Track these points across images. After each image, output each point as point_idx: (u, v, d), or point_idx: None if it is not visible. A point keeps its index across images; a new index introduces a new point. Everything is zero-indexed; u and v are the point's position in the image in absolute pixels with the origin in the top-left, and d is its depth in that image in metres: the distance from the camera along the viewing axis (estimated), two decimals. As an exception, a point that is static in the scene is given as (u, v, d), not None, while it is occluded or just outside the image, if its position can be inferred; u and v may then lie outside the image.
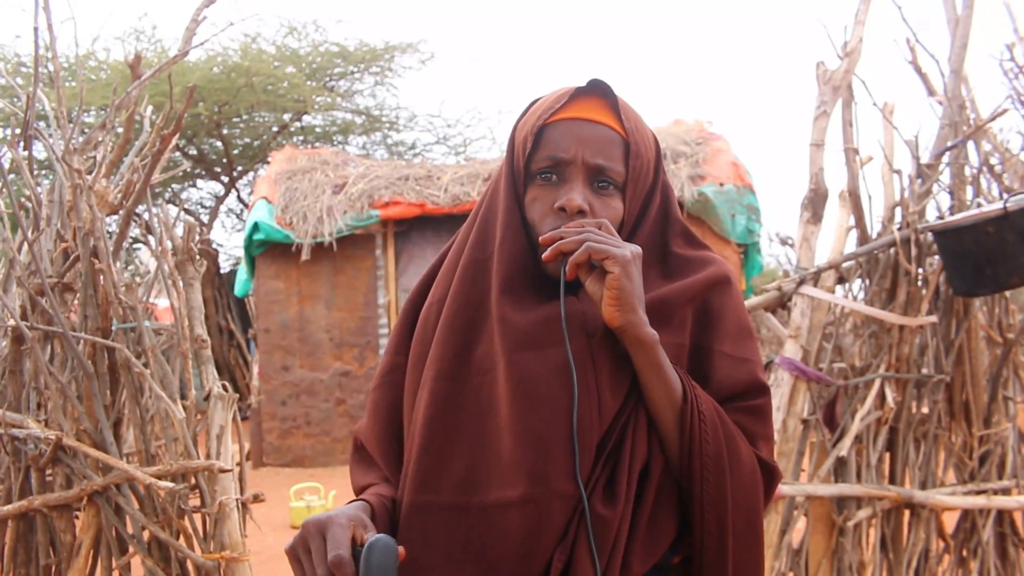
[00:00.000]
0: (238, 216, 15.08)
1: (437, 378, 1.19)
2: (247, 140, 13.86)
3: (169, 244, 2.42)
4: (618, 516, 1.10)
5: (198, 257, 2.50)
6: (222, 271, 13.37)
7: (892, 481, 3.00)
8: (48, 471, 2.36)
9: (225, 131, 13.05)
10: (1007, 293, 3.15)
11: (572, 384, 1.12)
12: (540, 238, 1.15)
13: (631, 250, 1.12)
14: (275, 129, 13.69)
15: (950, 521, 3.19)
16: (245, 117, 13.15)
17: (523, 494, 1.11)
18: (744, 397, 1.22)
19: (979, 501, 3.04)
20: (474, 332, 1.19)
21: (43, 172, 9.08)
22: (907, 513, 3.02)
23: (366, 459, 1.33)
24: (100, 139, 2.56)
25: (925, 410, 3.07)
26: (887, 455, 3.03)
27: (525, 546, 1.10)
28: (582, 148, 1.19)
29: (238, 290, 9.59)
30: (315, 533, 1.04)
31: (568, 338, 1.13)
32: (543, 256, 1.13)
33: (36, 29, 2.42)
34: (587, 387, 1.13)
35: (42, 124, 2.83)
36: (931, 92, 3.18)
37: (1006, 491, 3.13)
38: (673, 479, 1.17)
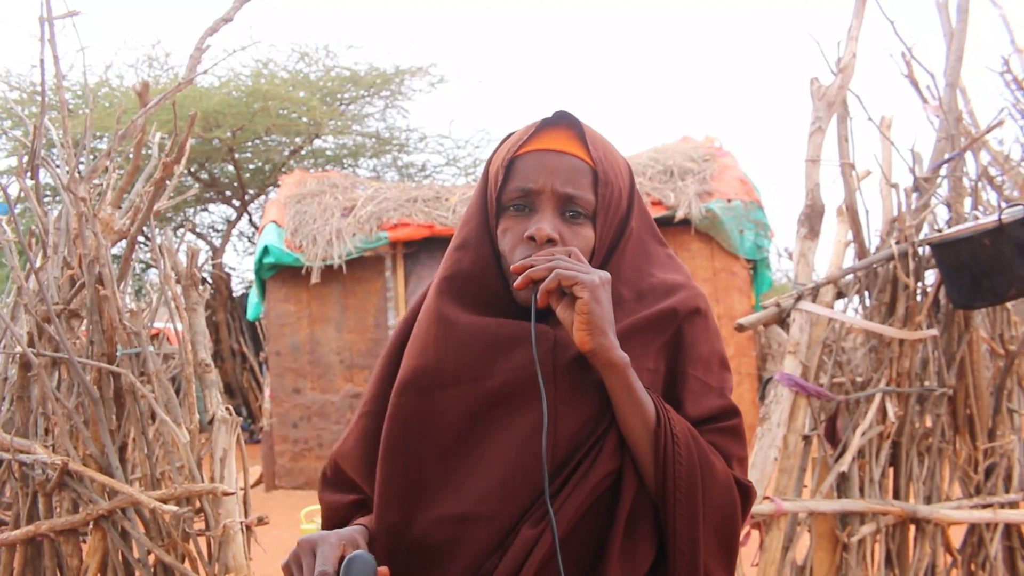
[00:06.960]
0: (250, 240, 15.18)
1: (397, 394, 1.25)
2: (258, 164, 13.99)
3: (172, 270, 2.46)
4: (537, 535, 1.12)
5: (208, 281, 2.54)
6: (235, 294, 13.45)
7: (896, 496, 2.99)
8: (55, 496, 2.39)
9: (237, 155, 13.18)
10: (1008, 305, 3.14)
11: (535, 408, 1.15)
12: (511, 267, 1.18)
13: (600, 276, 1.14)
14: (286, 153, 13.82)
15: (957, 536, 3.17)
16: (257, 141, 13.28)
17: (460, 512, 1.15)
18: (716, 420, 1.24)
19: (985, 515, 3.02)
20: (438, 349, 1.23)
21: (58, 199, 9.19)
22: (912, 528, 3.00)
23: (343, 480, 1.36)
24: (106, 167, 2.61)
25: (928, 424, 3.06)
26: (891, 470, 3.02)
27: (453, 564, 1.14)
28: (551, 178, 1.22)
29: (250, 313, 9.64)
30: (307, 550, 1.09)
31: (535, 361, 1.15)
32: (514, 284, 1.16)
33: (42, 61, 2.48)
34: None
35: (54, 152, 2.88)
36: (927, 104, 3.19)
37: (1013, 504, 3.11)
38: (650, 501, 1.18)
